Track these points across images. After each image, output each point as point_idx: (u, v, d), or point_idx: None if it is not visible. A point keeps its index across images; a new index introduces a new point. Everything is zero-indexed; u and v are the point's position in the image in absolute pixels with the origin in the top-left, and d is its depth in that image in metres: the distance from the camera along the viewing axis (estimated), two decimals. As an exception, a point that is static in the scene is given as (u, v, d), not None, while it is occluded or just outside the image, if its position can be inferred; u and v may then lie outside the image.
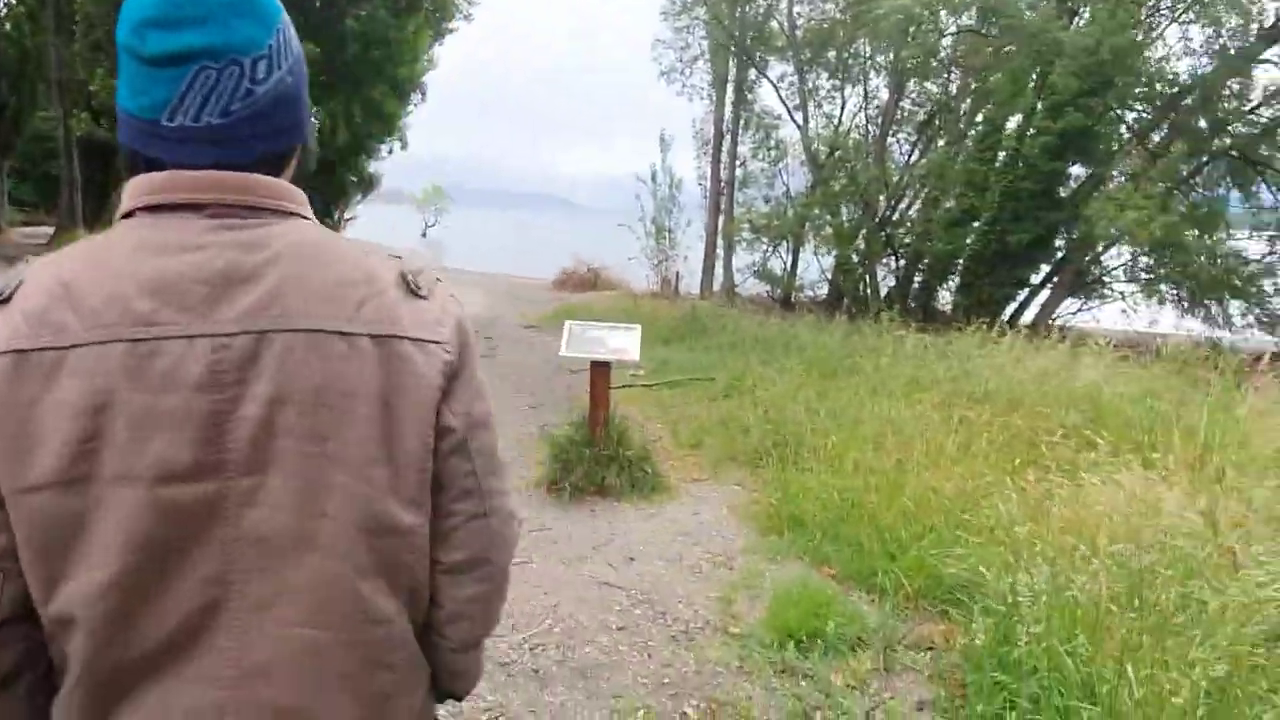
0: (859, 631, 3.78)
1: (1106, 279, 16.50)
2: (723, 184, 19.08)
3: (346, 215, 31.67)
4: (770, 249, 19.05)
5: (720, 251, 19.49)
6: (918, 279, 16.72)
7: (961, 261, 15.14)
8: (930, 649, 3.74)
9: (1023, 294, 15.48)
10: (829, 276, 18.43)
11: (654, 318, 14.12)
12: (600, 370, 5.73)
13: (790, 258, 19.03)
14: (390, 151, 28.24)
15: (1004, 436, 6.02)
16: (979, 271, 14.64)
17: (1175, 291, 16.28)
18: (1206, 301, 16.45)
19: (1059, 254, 15.36)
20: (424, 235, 56.23)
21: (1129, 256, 16.07)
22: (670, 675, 3.43)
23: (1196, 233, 14.39)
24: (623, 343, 5.75)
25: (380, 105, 21.83)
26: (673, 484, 6.03)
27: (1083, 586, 3.56)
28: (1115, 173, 14.55)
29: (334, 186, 27.95)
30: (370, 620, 0.96)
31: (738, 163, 19.37)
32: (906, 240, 16.64)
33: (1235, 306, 16.32)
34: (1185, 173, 14.74)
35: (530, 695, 3.26)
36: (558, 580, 4.36)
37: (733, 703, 3.25)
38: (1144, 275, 16.98)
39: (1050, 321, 14.86)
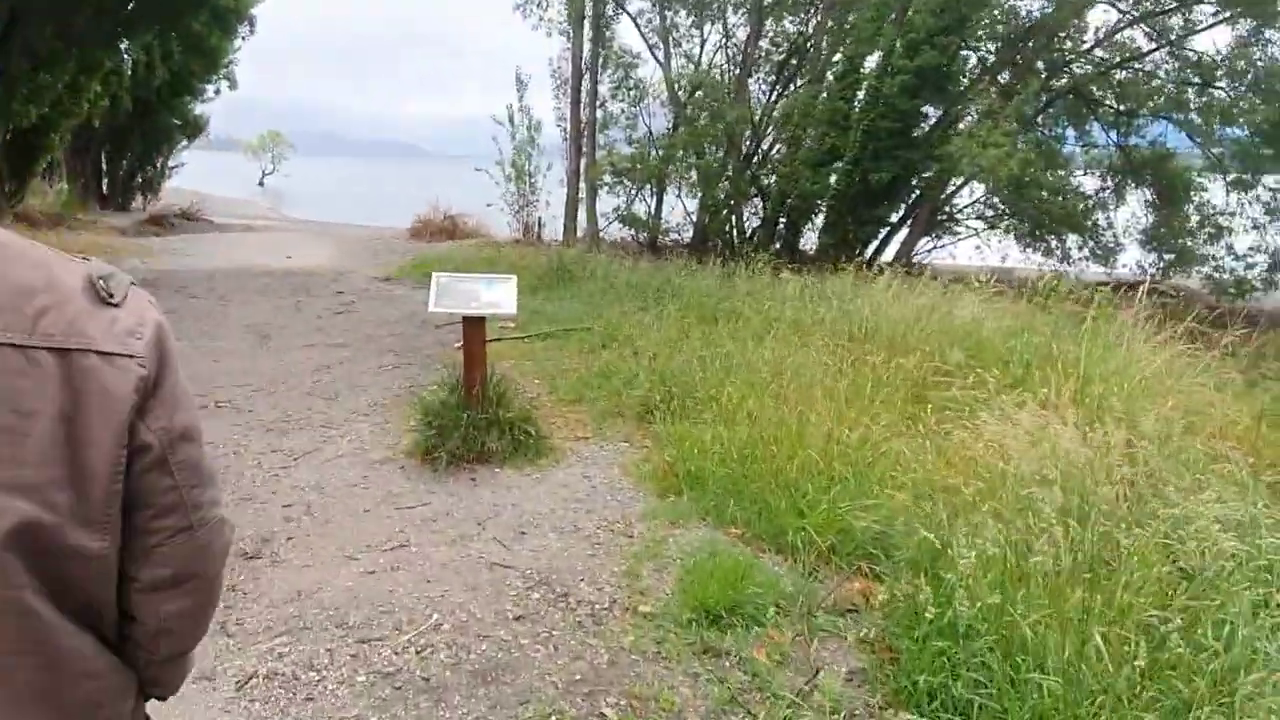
0: (776, 598, 3.52)
1: (958, 216, 17.08)
2: (583, 125, 18.42)
3: (171, 163, 28.99)
4: (634, 192, 18.64)
5: (583, 196, 18.90)
6: (782, 220, 16.74)
7: (825, 201, 15.24)
8: (851, 610, 3.53)
9: (883, 233, 15.78)
10: (694, 219, 18.23)
11: (519, 266, 13.50)
12: (474, 326, 5.21)
13: (655, 201, 18.68)
14: (218, 91, 25.87)
15: (894, 378, 5.92)
16: (842, 211, 14.78)
17: (1019, 227, 17.00)
18: (1047, 237, 17.28)
19: (916, 193, 15.70)
20: (261, 185, 52.52)
21: (980, 194, 16.64)
22: (582, 670, 3.06)
23: (1044, 169, 15.03)
24: (497, 295, 5.23)
25: (202, 38, 19.78)
26: (557, 445, 5.62)
27: (1006, 537, 3.42)
28: (968, 113, 14.91)
29: (154, 130, 25.47)
30: (54, 643, 0.90)
31: (598, 103, 18.75)
32: (771, 181, 16.57)
33: (1072, 240, 17.23)
34: (1030, 112, 15.31)
35: (423, 711, 2.81)
36: (442, 565, 3.89)
37: (655, 695, 2.91)
38: (989, 212, 17.70)
39: (909, 259, 15.24)
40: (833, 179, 14.91)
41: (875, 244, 15.76)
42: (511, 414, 5.28)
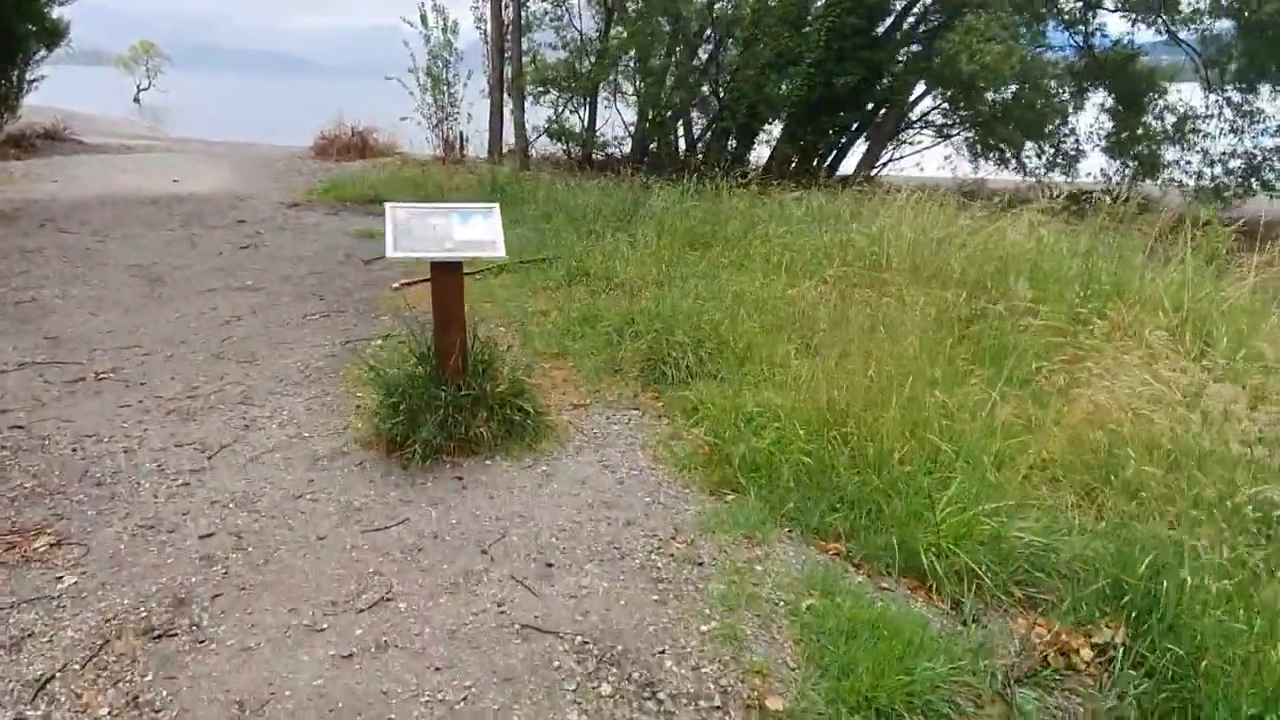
0: (950, 668, 2.46)
1: (919, 124, 16.02)
2: (506, 27, 16.50)
3: (29, 76, 25.52)
4: (565, 103, 16.94)
5: (509, 107, 17.10)
6: (735, 129, 15.32)
7: (785, 108, 13.91)
8: (1060, 679, 2.49)
9: (846, 141, 14.60)
10: (632, 130, 16.70)
11: (448, 187, 12.00)
12: (448, 274, 3.88)
13: (588, 111, 17.04)
14: (78, -8, 22.60)
15: (958, 319, 4.88)
16: (802, 118, 13.51)
17: (981, 135, 16.06)
18: (1001, 145, 16.42)
19: (876, 99, 14.50)
20: (136, 101, 47.78)
21: (936, 101, 15.57)
22: (725, 846, 1.94)
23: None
24: (480, 231, 3.89)
25: (54, -75, 16.90)
26: (554, 420, 4.40)
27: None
28: (936, 9, 13.68)
29: (6, 37, 22.16)
30: None
31: (522, 2, 16.80)
32: (723, 86, 15.07)
33: (1029, 149, 16.41)
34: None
35: None
36: (450, 633, 2.69)
37: None
38: (942, 120, 16.72)
39: (870, 170, 14.21)
40: (787, 84, 13.53)
41: (834, 155, 14.60)
42: (501, 387, 4.02)
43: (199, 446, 4.10)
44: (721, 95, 14.74)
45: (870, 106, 14.67)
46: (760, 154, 15.60)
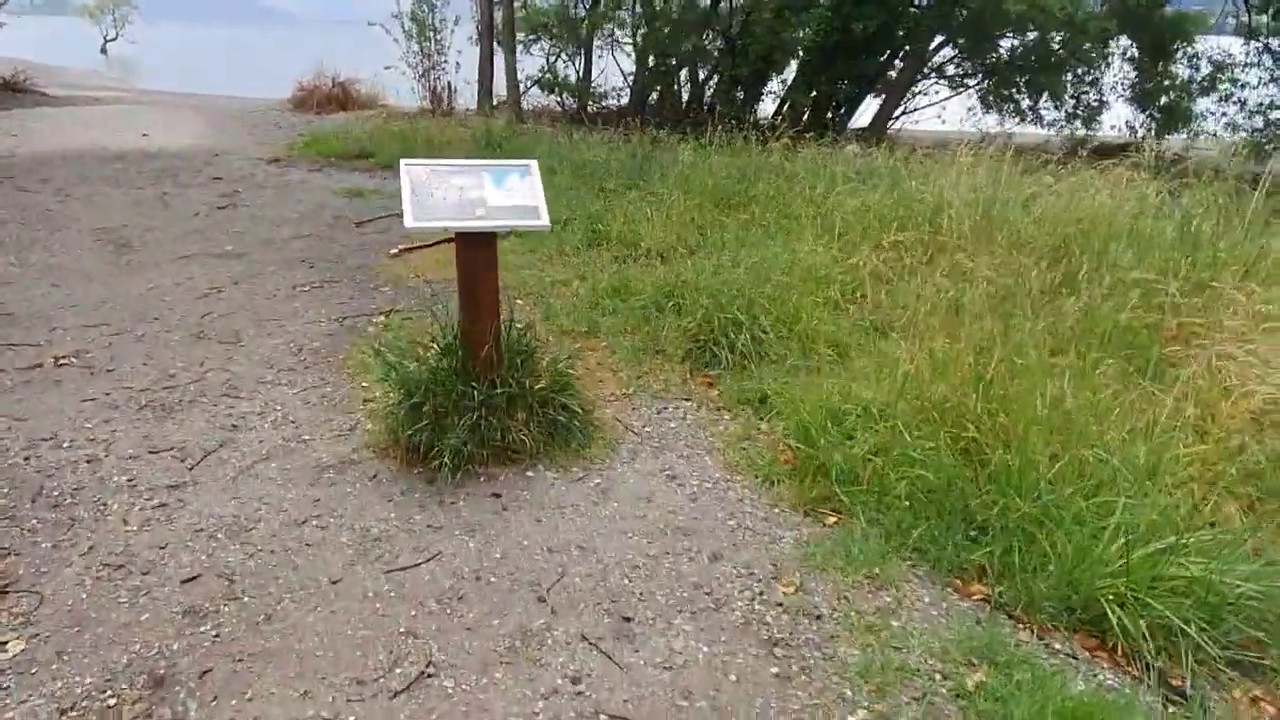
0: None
1: (932, 75, 15.17)
2: (497, -31, 15.46)
3: (-13, 24, 24.12)
4: (559, 52, 15.97)
5: (499, 55, 16.11)
6: (745, 78, 14.38)
7: (799, 55, 13.02)
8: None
9: (860, 91, 13.73)
10: (630, 81, 15.78)
11: (439, 141, 11.16)
12: (479, 247, 3.16)
13: (583, 61, 16.07)
14: (33, -70, 21.23)
15: (1038, 293, 4.23)
16: (817, 66, 12.64)
17: (997, 87, 15.23)
18: (1018, 96, 15.65)
19: (896, 46, 13.63)
20: (103, 52, 45.94)
21: (958, 50, 14.70)
22: None
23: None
24: (517, 195, 3.17)
25: None
26: (599, 417, 3.73)
27: None
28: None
29: (-43, -19, 20.82)
30: None
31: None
32: (734, 30, 14.09)
33: (1047, 100, 15.63)
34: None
35: None
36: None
37: None
38: (954, 69, 15.90)
39: (885, 124, 13.44)
40: (808, 29, 12.59)
41: (848, 105, 13.76)
42: (542, 383, 3.34)
43: (178, 453, 3.42)
44: (735, 41, 13.74)
45: (887, 55, 13.80)
46: (765, 105, 14.75)
